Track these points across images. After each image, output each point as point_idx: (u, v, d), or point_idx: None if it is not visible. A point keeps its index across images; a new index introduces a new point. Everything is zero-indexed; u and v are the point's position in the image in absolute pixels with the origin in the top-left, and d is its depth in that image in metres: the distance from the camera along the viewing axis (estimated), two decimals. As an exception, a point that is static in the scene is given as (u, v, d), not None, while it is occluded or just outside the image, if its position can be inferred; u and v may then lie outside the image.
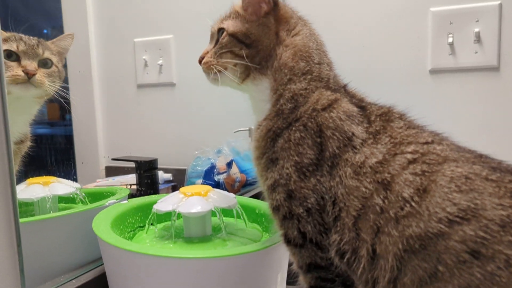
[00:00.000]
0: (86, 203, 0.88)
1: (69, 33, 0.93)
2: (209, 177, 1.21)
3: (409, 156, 0.50)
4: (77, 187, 0.87)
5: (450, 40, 1.21)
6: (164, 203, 0.73)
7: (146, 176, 1.02)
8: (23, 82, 0.78)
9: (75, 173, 1.44)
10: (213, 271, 0.61)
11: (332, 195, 0.53)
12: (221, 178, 1.21)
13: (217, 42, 0.65)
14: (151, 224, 0.77)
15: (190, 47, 1.46)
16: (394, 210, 0.47)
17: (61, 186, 0.84)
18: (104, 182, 1.38)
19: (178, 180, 1.41)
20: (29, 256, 0.64)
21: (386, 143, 0.53)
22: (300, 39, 0.63)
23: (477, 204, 0.44)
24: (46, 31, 1.53)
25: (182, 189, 0.75)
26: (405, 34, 1.26)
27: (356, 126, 0.55)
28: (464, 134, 0.58)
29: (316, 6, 1.34)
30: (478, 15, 1.19)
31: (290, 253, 0.60)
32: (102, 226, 0.70)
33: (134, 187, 1.12)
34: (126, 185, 1.27)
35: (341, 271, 0.55)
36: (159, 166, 1.19)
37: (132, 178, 1.20)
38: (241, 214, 0.77)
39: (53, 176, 0.89)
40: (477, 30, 1.18)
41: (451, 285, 0.43)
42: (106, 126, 1.58)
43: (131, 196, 0.94)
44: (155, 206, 0.73)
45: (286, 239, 0.58)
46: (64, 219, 0.78)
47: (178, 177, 1.42)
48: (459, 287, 0.42)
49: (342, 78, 0.69)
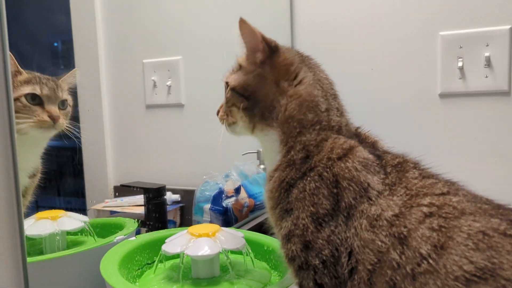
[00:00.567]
0: (94, 237, 0.88)
1: (75, 69, 0.93)
2: (217, 202, 1.21)
3: (425, 209, 0.49)
4: (85, 221, 0.87)
5: (460, 64, 1.20)
6: (172, 245, 0.72)
7: (154, 209, 1.02)
8: (48, 127, 0.79)
9: (84, 192, 1.45)
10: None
11: (348, 247, 0.52)
12: (229, 203, 1.20)
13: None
14: (160, 261, 0.77)
15: (198, 69, 1.47)
16: (411, 266, 0.47)
17: (69, 221, 0.85)
18: (112, 202, 1.39)
19: (187, 201, 1.41)
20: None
21: (402, 195, 0.52)
22: (304, 88, 0.61)
23: (494, 263, 0.43)
24: (57, 44, 1.55)
25: (190, 229, 0.75)
26: (414, 58, 1.26)
27: (372, 176, 0.54)
28: (474, 159, 0.57)
29: (325, 30, 1.33)
30: (488, 39, 1.17)
31: None
32: (110, 267, 0.70)
33: (141, 208, 1.12)
34: (135, 207, 1.28)
35: None
36: (167, 187, 1.20)
37: (140, 199, 1.20)
38: (249, 255, 0.76)
39: (61, 196, 0.89)
40: (487, 54, 1.17)
41: None
42: (115, 145, 1.59)
43: (140, 224, 0.94)
44: (164, 247, 0.72)
45: None
46: (73, 257, 0.78)
47: (187, 197, 1.42)
48: None
49: (351, 102, 0.68)
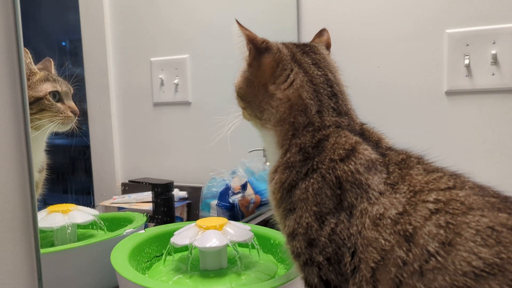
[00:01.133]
0: (104, 230, 0.90)
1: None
2: (224, 198, 1.22)
3: (431, 206, 0.49)
4: (95, 215, 0.89)
5: (467, 61, 1.20)
6: (180, 237, 0.74)
7: (162, 203, 1.03)
8: (70, 122, 0.80)
9: (92, 189, 1.46)
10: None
11: (351, 245, 0.52)
12: (235, 199, 1.21)
13: None
14: (169, 253, 0.79)
15: (206, 67, 1.48)
16: (419, 263, 0.47)
17: (80, 214, 0.86)
18: (120, 199, 1.40)
19: (194, 198, 1.42)
20: (48, 286, 0.65)
21: (405, 192, 0.51)
22: (292, 92, 0.60)
23: (503, 258, 0.43)
24: (65, 43, 1.57)
25: (198, 222, 0.76)
26: (421, 56, 1.26)
27: (373, 176, 0.54)
28: (480, 156, 0.57)
29: (331, 28, 1.34)
30: (495, 37, 1.18)
31: None
32: (120, 258, 0.71)
33: (149, 204, 1.14)
34: (143, 203, 1.29)
35: None
36: (175, 183, 1.21)
37: (148, 196, 1.22)
38: (256, 247, 0.77)
39: (69, 192, 0.90)
40: (494, 52, 1.18)
41: None
42: (123, 142, 1.60)
43: (148, 219, 0.95)
44: (172, 240, 0.74)
45: (308, 284, 0.57)
46: (83, 249, 0.79)
47: (194, 194, 1.43)
48: None
49: (357, 99, 0.68)
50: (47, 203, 1.09)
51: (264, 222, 1.17)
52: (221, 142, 1.49)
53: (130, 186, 1.47)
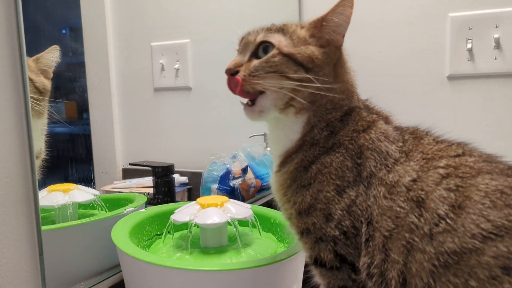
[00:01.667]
0: (105, 210, 0.90)
1: (53, 46, 0.94)
2: (224, 182, 1.22)
3: (441, 171, 0.50)
4: (96, 194, 0.89)
5: (469, 46, 1.19)
6: (181, 214, 0.74)
7: (163, 183, 1.03)
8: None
9: (93, 174, 1.46)
10: (227, 284, 0.62)
11: (368, 216, 0.53)
12: (236, 183, 1.21)
13: (254, 55, 0.60)
14: (168, 232, 0.79)
15: (206, 52, 1.47)
16: (429, 226, 0.48)
17: (80, 194, 0.86)
18: (121, 184, 1.40)
19: (194, 183, 1.42)
20: (49, 263, 0.66)
21: (418, 160, 0.53)
22: (351, 77, 0.63)
23: (511, 220, 0.44)
24: (65, 31, 1.56)
25: (198, 199, 0.77)
26: (423, 40, 1.25)
27: (390, 145, 0.55)
28: (483, 141, 0.58)
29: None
30: (498, 21, 1.17)
31: (318, 275, 0.58)
32: (121, 235, 0.72)
33: (151, 190, 1.14)
34: (144, 188, 1.29)
35: None
36: (175, 169, 1.21)
37: (149, 181, 1.22)
38: (256, 225, 0.77)
39: (70, 180, 0.91)
40: (496, 36, 1.17)
41: None
42: (123, 128, 1.60)
43: (149, 201, 0.96)
44: (172, 217, 0.74)
45: (318, 262, 0.57)
46: (84, 227, 0.79)
47: (194, 180, 1.43)
48: None
49: (359, 84, 0.68)
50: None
51: (265, 205, 1.17)
52: (221, 127, 1.50)
53: (131, 171, 1.48)
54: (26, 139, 0.63)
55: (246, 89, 0.58)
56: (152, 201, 1.05)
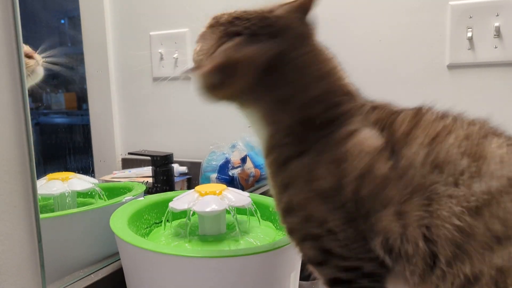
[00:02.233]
0: (104, 199, 0.90)
1: None
2: (223, 171, 1.22)
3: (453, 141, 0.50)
4: (95, 183, 0.89)
5: (469, 34, 1.19)
6: (179, 202, 0.74)
7: (162, 172, 1.03)
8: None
9: (92, 164, 1.47)
10: (226, 271, 0.62)
11: (367, 207, 0.50)
12: (235, 172, 1.22)
13: None
14: (167, 220, 0.79)
15: (206, 41, 1.47)
16: (453, 177, 0.46)
17: (79, 182, 0.86)
18: (120, 174, 1.40)
19: (193, 173, 1.42)
20: (48, 250, 0.66)
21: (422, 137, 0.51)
22: None
23: None
24: (63, 21, 1.55)
25: (197, 187, 0.77)
26: (422, 28, 1.24)
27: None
28: None
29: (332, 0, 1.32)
30: (499, 9, 1.16)
31: (314, 271, 0.57)
32: (119, 223, 0.72)
33: (150, 180, 1.14)
34: (143, 178, 1.29)
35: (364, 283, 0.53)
36: (175, 159, 1.21)
37: (148, 171, 1.22)
38: (254, 213, 0.78)
39: (70, 170, 0.91)
40: (497, 24, 1.16)
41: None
42: (122, 118, 1.60)
43: (148, 190, 0.96)
44: (171, 204, 0.74)
45: (306, 259, 0.56)
46: (83, 215, 0.80)
47: (193, 170, 1.43)
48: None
49: (358, 73, 0.66)
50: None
51: (264, 194, 1.18)
52: (221, 117, 1.49)
53: (130, 161, 1.48)
54: (23, 127, 0.63)
55: None
56: (151, 190, 1.05)
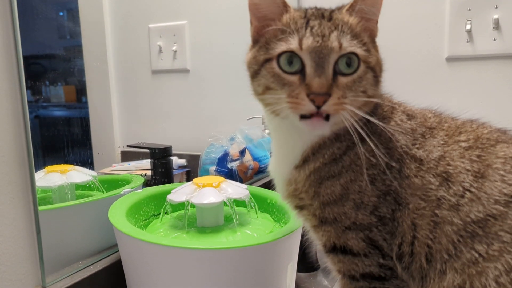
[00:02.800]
0: (102, 191, 0.91)
1: None
2: (222, 164, 1.22)
3: (463, 144, 0.53)
4: (93, 175, 0.89)
5: (468, 27, 1.18)
6: (177, 194, 0.74)
7: (161, 164, 1.03)
8: None
9: (92, 157, 1.47)
10: (223, 262, 0.62)
11: (401, 198, 0.53)
12: (234, 165, 1.22)
13: (335, 71, 0.51)
14: (166, 212, 0.79)
15: (204, 33, 1.46)
16: (456, 199, 0.50)
17: (78, 175, 0.87)
18: (119, 166, 1.41)
19: (192, 165, 1.42)
20: (47, 242, 0.66)
21: (442, 136, 0.55)
22: None
23: None
24: (62, 14, 1.55)
25: (195, 180, 0.77)
26: (421, 21, 1.24)
27: (413, 121, 0.57)
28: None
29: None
30: (497, 2, 1.16)
31: (336, 262, 0.58)
32: (118, 215, 0.72)
33: (149, 172, 1.14)
34: (142, 171, 1.30)
35: (396, 282, 0.55)
36: (174, 152, 1.21)
37: (147, 163, 1.22)
38: (252, 205, 0.78)
39: (69, 163, 0.91)
40: (496, 16, 1.16)
41: (500, 263, 0.46)
42: (121, 111, 1.60)
43: (146, 183, 0.96)
44: (169, 196, 0.74)
45: (342, 249, 0.56)
46: (81, 207, 0.80)
47: (192, 162, 1.43)
48: (506, 265, 0.45)
49: None
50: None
51: (263, 187, 1.18)
52: (219, 110, 1.49)
53: (129, 154, 1.48)
54: (21, 119, 0.63)
55: (327, 113, 0.50)
56: (149, 182, 1.05)
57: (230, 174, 1.22)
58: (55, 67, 1.32)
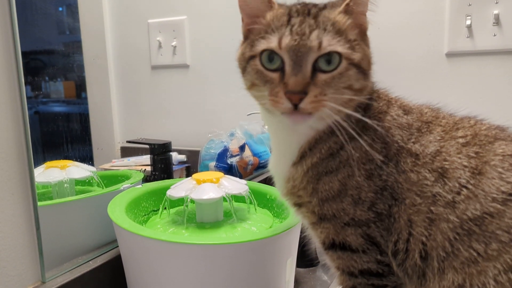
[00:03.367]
0: (102, 187, 0.91)
1: None
2: (222, 160, 1.23)
3: (461, 140, 0.52)
4: (93, 171, 0.89)
5: (468, 22, 1.18)
6: (177, 189, 0.74)
7: (160, 160, 1.04)
8: None
9: (91, 153, 1.47)
10: (222, 258, 0.63)
11: (398, 194, 0.53)
12: (234, 161, 1.22)
13: (314, 68, 0.50)
14: (165, 208, 0.79)
15: (204, 29, 1.46)
16: (452, 195, 0.49)
17: (77, 170, 0.87)
18: (119, 162, 1.41)
19: (192, 161, 1.42)
20: (47, 238, 0.67)
21: (438, 131, 0.55)
22: None
23: None
24: (61, 9, 1.54)
25: (194, 175, 0.77)
26: (421, 16, 1.24)
27: (409, 116, 0.57)
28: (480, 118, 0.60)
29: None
30: (498, -3, 1.15)
31: (336, 259, 0.58)
32: (117, 210, 0.72)
33: (148, 168, 1.14)
34: (141, 167, 1.30)
35: (393, 279, 0.56)
36: (173, 147, 1.21)
37: (147, 159, 1.22)
38: (251, 200, 0.78)
39: (69, 159, 0.91)
40: (496, 12, 1.15)
41: (499, 263, 0.46)
42: (121, 106, 1.60)
43: (146, 178, 0.96)
44: (169, 192, 0.74)
45: (340, 245, 0.56)
46: (81, 202, 0.80)
47: (192, 158, 1.43)
48: (505, 265, 0.45)
49: None
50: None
51: (262, 182, 1.18)
52: (219, 105, 1.49)
53: (129, 150, 1.48)
54: (21, 115, 0.63)
55: (306, 111, 0.50)
56: (149, 178, 1.05)
57: (229, 170, 1.23)
58: (55, 63, 1.31)
